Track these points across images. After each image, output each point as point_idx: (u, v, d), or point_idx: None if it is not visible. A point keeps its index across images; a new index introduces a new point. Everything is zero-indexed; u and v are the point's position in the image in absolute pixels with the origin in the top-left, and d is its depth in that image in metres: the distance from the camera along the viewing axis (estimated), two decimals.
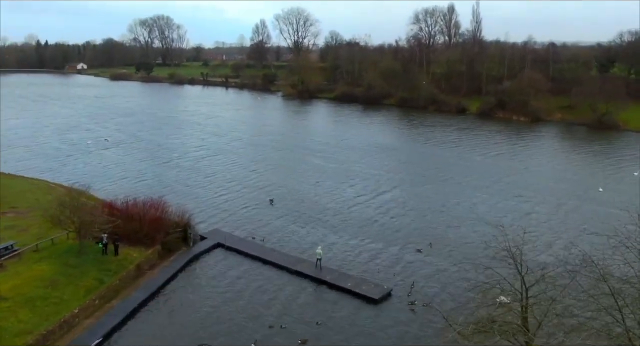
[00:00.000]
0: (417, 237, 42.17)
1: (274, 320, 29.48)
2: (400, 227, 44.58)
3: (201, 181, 57.86)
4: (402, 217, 47.05)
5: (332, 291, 33.62)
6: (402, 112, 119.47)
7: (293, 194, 53.33)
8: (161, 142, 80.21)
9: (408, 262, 37.72)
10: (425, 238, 41.80)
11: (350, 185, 56.79)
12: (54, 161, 66.22)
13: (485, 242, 25.62)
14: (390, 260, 38.04)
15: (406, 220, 46.08)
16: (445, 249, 39.89)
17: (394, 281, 34.80)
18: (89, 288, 31.35)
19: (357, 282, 34.24)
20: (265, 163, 66.30)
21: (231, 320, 29.70)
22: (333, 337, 27.88)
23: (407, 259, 38.23)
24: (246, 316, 30.04)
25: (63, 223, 33.81)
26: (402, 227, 44.45)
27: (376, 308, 31.43)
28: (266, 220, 45.88)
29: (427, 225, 45.08)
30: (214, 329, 28.72)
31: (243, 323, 29.27)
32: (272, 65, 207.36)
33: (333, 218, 46.40)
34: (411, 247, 40.28)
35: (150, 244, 37.77)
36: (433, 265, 37.12)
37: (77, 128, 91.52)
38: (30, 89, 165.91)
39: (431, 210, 48.84)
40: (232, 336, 27.95)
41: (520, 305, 20.90)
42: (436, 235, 42.68)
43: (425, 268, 36.85)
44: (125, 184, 56.06)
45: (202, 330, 28.67)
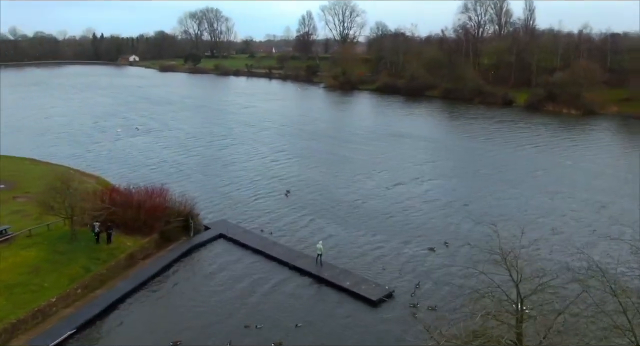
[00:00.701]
0: (433, 234, 38.81)
1: (258, 318, 27.20)
2: (417, 222, 41.30)
3: (218, 170, 56.39)
4: (420, 211, 43.70)
5: (329, 289, 31.03)
6: (444, 104, 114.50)
7: (311, 185, 50.90)
8: (190, 130, 79.59)
9: (418, 261, 34.54)
10: (442, 236, 38.39)
11: (372, 178, 53.79)
12: (80, 148, 66.62)
13: (487, 243, 22.25)
14: (399, 258, 34.98)
15: (424, 216, 42.71)
16: (462, 249, 36.39)
17: (399, 281, 31.81)
18: (73, 277, 30.10)
19: (357, 281, 31.47)
20: (289, 154, 64.16)
21: (213, 315, 27.68)
22: (311, 341, 25.27)
23: (418, 258, 35.05)
24: (229, 313, 27.93)
25: (55, 209, 32.70)
26: (419, 223, 41.16)
27: (372, 311, 28.58)
28: (278, 211, 43.70)
29: (447, 221, 41.56)
30: (191, 325, 26.76)
31: (223, 320, 27.18)
32: (317, 56, 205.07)
33: (346, 211, 43.67)
34: (425, 244, 37.02)
35: (148, 233, 36.33)
36: (445, 266, 33.76)
37: (114, 117, 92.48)
38: (80, 79, 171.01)
39: (453, 205, 45.21)
40: (207, 334, 25.91)
41: (515, 318, 17.65)
42: (454, 233, 39.17)
43: (436, 268, 33.57)
44: (142, 170, 55.44)
45: (179, 325, 26.78)
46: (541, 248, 35.20)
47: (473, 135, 78.06)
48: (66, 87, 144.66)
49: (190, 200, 40.89)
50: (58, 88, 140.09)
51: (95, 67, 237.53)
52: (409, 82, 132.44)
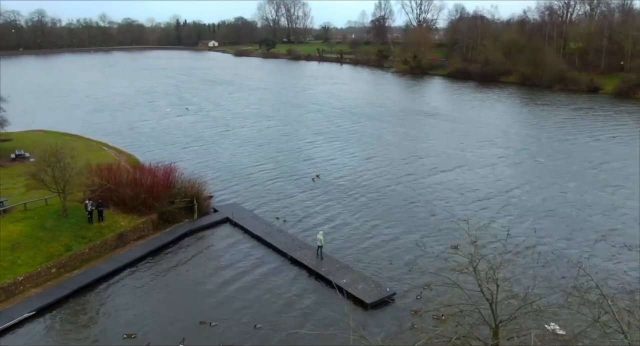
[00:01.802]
0: (462, 229, 33.47)
1: (222, 314, 23.94)
2: (446, 214, 36.03)
3: (251, 150, 53.81)
4: (454, 202, 38.41)
5: (320, 287, 27.15)
6: (519, 90, 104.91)
7: (342, 170, 46.94)
8: (239, 111, 77.78)
9: (435, 260, 29.62)
10: (472, 232, 32.99)
11: (411, 163, 48.83)
12: (126, 125, 66.57)
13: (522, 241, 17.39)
14: (413, 255, 30.26)
15: (457, 207, 37.37)
16: (491, 249, 30.87)
17: (406, 281, 27.29)
18: (51, 255, 28.35)
19: (355, 279, 27.28)
20: (329, 136, 60.33)
21: (180, 307, 24.77)
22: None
23: (436, 256, 30.10)
24: (198, 305, 24.84)
25: (47, 183, 31.14)
26: (448, 215, 35.88)
27: (362, 315, 24.36)
28: (297, 196, 40.19)
29: (481, 215, 36.00)
30: (153, 317, 24.00)
31: (189, 312, 24.13)
32: (391, 41, 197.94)
33: (371, 199, 39.42)
34: (449, 241, 31.90)
35: (147, 213, 34.14)
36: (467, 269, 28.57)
37: (171, 96, 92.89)
38: (155, 62, 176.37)
39: (495, 197, 39.41)
40: (165, 328, 23.02)
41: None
42: (486, 229, 33.58)
43: (454, 270, 28.46)
44: (173, 149, 54.20)
45: (141, 316, 24.16)
46: (581, 255, 29.09)
47: (542, 122, 69.85)
48: (138, 69, 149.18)
49: (200, 180, 38.52)
50: (130, 70, 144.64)
51: (174, 52, 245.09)
52: (483, 67, 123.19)
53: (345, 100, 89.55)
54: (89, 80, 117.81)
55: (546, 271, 26.72)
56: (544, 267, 27.78)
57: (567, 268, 27.88)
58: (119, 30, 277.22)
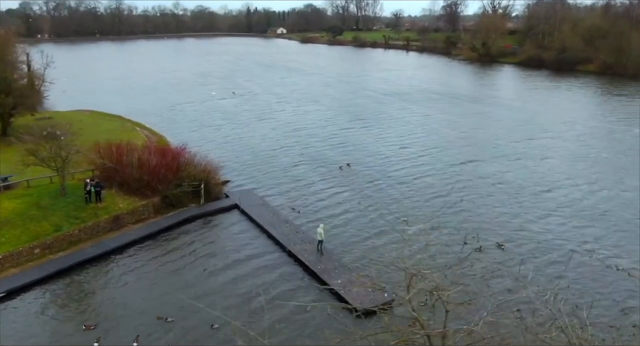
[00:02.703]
0: (492, 229, 29.18)
1: (185, 310, 21.36)
2: (474, 211, 31.79)
3: (282, 135, 51.38)
4: (488, 198, 33.82)
5: (312, 286, 24.03)
6: (597, 80, 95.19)
7: (372, 157, 43.59)
8: (285, 95, 75.44)
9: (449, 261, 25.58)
10: (503, 233, 28.64)
11: (447, 152, 44.37)
12: (167, 107, 66.03)
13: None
14: (430, 255, 26.30)
15: (489, 204, 32.81)
16: (522, 254, 26.45)
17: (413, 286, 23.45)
18: (37, 234, 27.08)
19: (351, 280, 23.76)
20: (369, 122, 56.75)
21: (152, 301, 22.55)
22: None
23: (454, 258, 26.03)
24: (172, 300, 22.49)
25: (46, 160, 29.93)
26: (477, 212, 31.61)
27: (348, 322, 20.87)
28: (318, 185, 37.18)
29: (518, 213, 31.33)
30: (120, 310, 21.96)
31: (156, 305, 21.84)
32: (462, 28, 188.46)
33: (394, 190, 35.72)
34: (472, 242, 27.72)
35: (150, 195, 32.34)
36: (487, 275, 24.43)
37: (223, 80, 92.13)
38: (220, 48, 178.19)
39: (539, 194, 34.42)
40: (127, 321, 20.86)
41: None
42: (521, 231, 29.07)
43: (472, 275, 24.40)
44: (205, 131, 52.87)
45: (107, 308, 22.15)
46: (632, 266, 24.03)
47: (616, 114, 62.13)
48: (202, 54, 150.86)
49: (213, 164, 36.36)
50: (194, 55, 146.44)
51: (243, 39, 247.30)
52: (558, 55, 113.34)
53: (399, 86, 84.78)
54: (152, 64, 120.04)
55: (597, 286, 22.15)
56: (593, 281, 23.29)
57: (616, 280, 23.20)
58: (191, 17, 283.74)
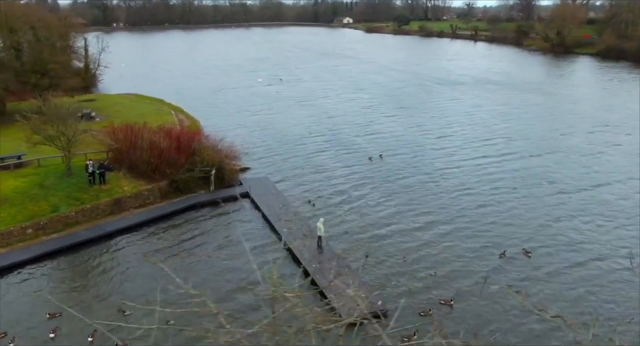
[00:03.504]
0: (521, 233, 25.47)
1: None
2: (517, 210, 28.02)
3: (316, 121, 49.44)
4: (526, 196, 29.79)
5: (301, 287, 21.45)
6: None
7: (402, 147, 40.65)
8: (333, 82, 72.87)
9: (468, 272, 22.38)
10: (534, 238, 24.88)
11: (488, 144, 40.51)
12: (210, 92, 65.35)
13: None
14: (440, 261, 23.23)
15: (528, 203, 28.84)
16: (549, 263, 22.69)
17: (417, 295, 20.63)
18: (34, 214, 26.34)
19: (347, 283, 21.17)
20: (411, 111, 53.44)
21: (121, 291, 21.01)
22: None
23: (473, 267, 22.81)
24: (142, 291, 20.81)
25: (53, 138, 29.19)
26: (509, 214, 27.83)
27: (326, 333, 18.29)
28: (344, 177, 34.57)
29: (551, 216, 27.29)
30: (87, 297, 20.55)
31: (121, 298, 20.19)
32: (537, 18, 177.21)
33: (418, 182, 32.60)
34: (498, 247, 24.22)
35: (157, 179, 31.01)
36: (507, 285, 21.05)
37: (276, 67, 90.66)
38: (283, 36, 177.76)
39: (582, 191, 30.14)
40: (90, 313, 19.35)
41: None
42: (555, 236, 25.11)
43: (487, 287, 21.10)
44: (240, 116, 51.78)
45: (78, 297, 20.82)
46: None
47: None
48: (263, 42, 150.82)
49: (231, 149, 34.71)
50: (256, 43, 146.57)
51: (308, 28, 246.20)
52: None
53: (457, 76, 79.73)
54: (212, 52, 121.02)
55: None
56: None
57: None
58: (260, 7, 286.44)
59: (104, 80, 77.25)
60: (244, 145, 40.93)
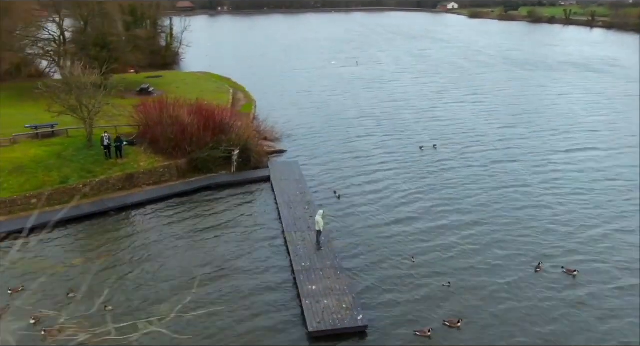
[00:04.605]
0: (581, 244, 20.59)
1: (132, 302, 17.65)
2: (569, 215, 23.04)
3: (376, 104, 45.81)
4: (582, 198, 24.43)
5: (281, 287, 18.74)
6: None
7: (463, 137, 36.11)
8: (410, 66, 67.93)
9: (487, 285, 18.28)
10: (582, 251, 19.97)
11: (562, 136, 34.65)
12: (279, 72, 63.60)
13: None
14: (455, 269, 19.28)
15: (584, 208, 23.55)
16: (595, 281, 17.85)
17: (416, 312, 17.08)
18: (42, 184, 25.78)
19: (330, 288, 18.13)
20: (484, 98, 48.11)
21: (97, 280, 19.42)
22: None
23: (520, 280, 18.66)
24: (114, 280, 19.09)
25: (76, 110, 28.51)
26: (568, 217, 22.80)
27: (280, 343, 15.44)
28: (382, 167, 30.94)
29: (625, 226, 21.84)
30: (60, 280, 19.19)
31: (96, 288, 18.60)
32: None
33: (461, 175, 28.29)
34: (534, 258, 19.66)
35: (179, 156, 29.43)
36: (531, 304, 16.77)
37: (359, 49, 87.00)
38: (378, 20, 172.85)
39: None
40: (48, 290, 18.03)
41: None
42: (620, 250, 19.92)
43: (507, 303, 16.95)
44: (299, 97, 49.68)
45: (55, 278, 19.53)
46: None
47: None
48: (356, 26, 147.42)
49: (267, 129, 32.56)
50: (348, 27, 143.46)
51: (409, 13, 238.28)
52: None
53: (554, 62, 71.05)
54: (301, 34, 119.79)
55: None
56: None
57: None
58: None
59: (186, 58, 78.57)
60: (289, 126, 38.68)
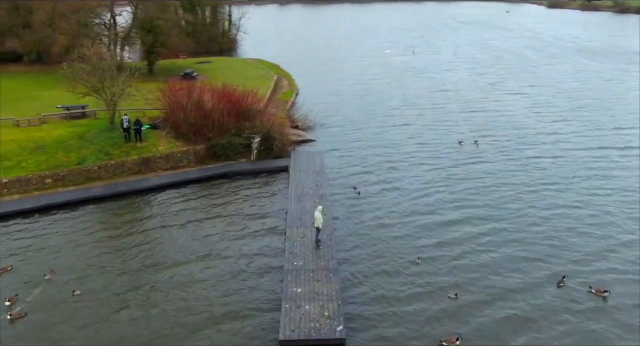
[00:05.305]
0: (619, 261, 17.86)
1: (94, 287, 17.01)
2: (609, 227, 20.16)
3: (422, 94, 43.44)
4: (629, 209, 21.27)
5: (258, 290, 17.34)
6: None
7: (510, 130, 33.51)
8: (470, 56, 63.87)
9: (529, 303, 16.10)
10: (619, 269, 17.19)
11: (614, 133, 30.99)
12: (329, 60, 61.88)
13: None
14: (492, 278, 17.21)
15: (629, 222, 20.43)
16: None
17: (421, 329, 15.26)
18: (59, 165, 25.84)
19: (314, 292, 16.50)
20: (544, 90, 44.38)
21: (93, 259, 18.97)
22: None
23: (539, 295, 16.41)
24: (99, 270, 18.49)
25: (99, 91, 28.41)
26: (608, 230, 19.92)
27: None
28: (412, 162, 28.75)
29: None
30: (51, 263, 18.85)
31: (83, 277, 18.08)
32: None
33: (503, 177, 25.49)
34: (557, 271, 17.13)
35: (199, 142, 28.68)
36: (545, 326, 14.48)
37: (419, 39, 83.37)
38: (447, 10, 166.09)
39: None
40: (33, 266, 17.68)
41: None
42: None
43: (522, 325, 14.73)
44: (342, 85, 47.62)
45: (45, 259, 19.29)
46: None
47: None
48: (420, 16, 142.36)
49: (298, 117, 31.66)
50: (414, 17, 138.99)
51: (485, 3, 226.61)
52: None
53: (631, 56, 64.60)
54: (363, 23, 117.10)
55: None
56: None
57: None
58: None
59: (243, 45, 78.56)
60: (325, 114, 37.23)
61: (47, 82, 40.55)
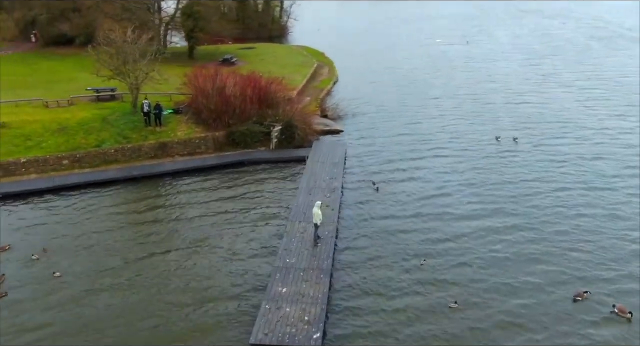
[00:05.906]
0: None
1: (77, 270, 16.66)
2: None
3: (462, 85, 40.65)
4: None
5: (240, 286, 16.39)
6: None
7: (555, 127, 30.54)
8: (528, 46, 59.72)
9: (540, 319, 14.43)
10: None
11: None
12: (375, 50, 59.74)
13: None
14: (502, 289, 15.61)
15: None
16: None
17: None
18: (77, 146, 25.97)
19: (300, 294, 15.38)
20: (602, 84, 40.15)
21: (92, 240, 18.74)
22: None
23: (553, 310, 14.72)
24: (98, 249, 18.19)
25: (124, 74, 28.25)
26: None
27: None
28: (440, 160, 26.81)
29: None
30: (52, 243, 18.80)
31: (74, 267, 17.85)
32: None
33: (537, 177, 23.32)
34: (575, 283, 15.19)
35: (219, 128, 28.07)
36: None
37: (477, 28, 79.36)
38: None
39: None
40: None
41: None
42: None
43: None
44: (385, 74, 45.57)
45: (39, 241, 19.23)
46: None
47: None
48: (485, 9, 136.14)
49: (330, 107, 30.54)
50: (477, 8, 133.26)
51: None
52: None
53: None
54: (422, 13, 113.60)
55: None
56: None
57: None
58: None
59: (294, 32, 77.75)
60: (359, 103, 35.85)
61: (90, 65, 41.27)
